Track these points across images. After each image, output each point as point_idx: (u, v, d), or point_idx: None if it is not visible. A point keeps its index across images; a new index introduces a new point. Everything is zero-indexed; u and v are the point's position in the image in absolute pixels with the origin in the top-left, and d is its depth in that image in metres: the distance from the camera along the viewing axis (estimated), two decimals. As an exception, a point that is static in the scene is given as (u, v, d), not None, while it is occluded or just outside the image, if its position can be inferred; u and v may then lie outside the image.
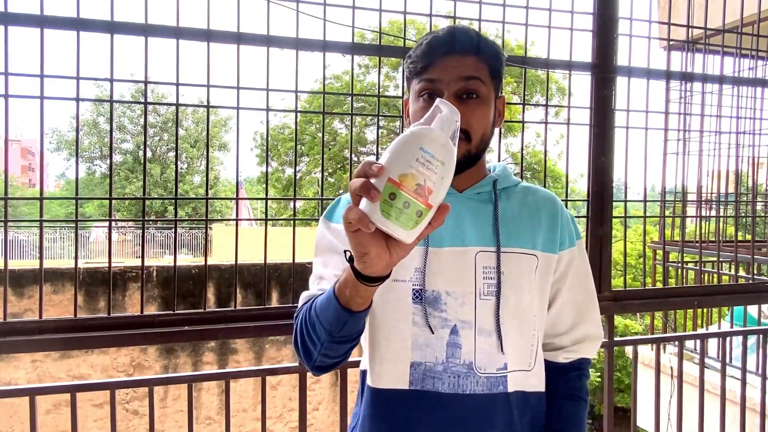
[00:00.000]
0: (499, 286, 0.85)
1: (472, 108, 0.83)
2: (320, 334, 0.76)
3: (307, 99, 13.49)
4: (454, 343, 0.84)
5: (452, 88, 0.83)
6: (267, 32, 1.50)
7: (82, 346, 1.43)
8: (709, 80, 2.23)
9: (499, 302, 0.85)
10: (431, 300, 0.84)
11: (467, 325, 0.84)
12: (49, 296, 4.69)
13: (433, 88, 0.84)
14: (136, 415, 4.93)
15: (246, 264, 5.15)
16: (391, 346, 0.85)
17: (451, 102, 0.78)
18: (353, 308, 0.71)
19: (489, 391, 0.84)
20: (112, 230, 1.48)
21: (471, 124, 0.83)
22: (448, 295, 0.84)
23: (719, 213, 3.89)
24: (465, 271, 0.85)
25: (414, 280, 0.85)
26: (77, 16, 1.37)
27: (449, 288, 0.85)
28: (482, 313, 0.84)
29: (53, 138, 18.14)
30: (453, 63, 0.83)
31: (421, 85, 0.86)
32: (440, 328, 0.84)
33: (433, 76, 0.84)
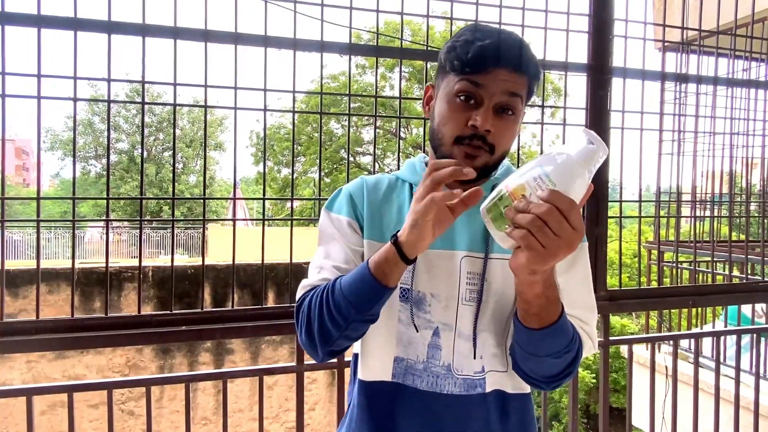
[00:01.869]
0: (481, 293, 0.86)
1: (506, 125, 0.82)
2: (347, 314, 0.76)
3: (303, 99, 13.49)
4: (434, 345, 0.87)
5: (494, 99, 0.80)
6: (264, 33, 1.51)
7: (79, 346, 1.43)
8: (704, 81, 2.24)
9: (479, 309, 0.86)
10: (417, 300, 0.86)
11: (448, 328, 0.86)
12: (45, 296, 4.67)
13: (475, 93, 0.81)
14: (131, 416, 4.92)
15: (242, 264, 5.15)
16: (378, 340, 0.88)
17: (487, 114, 0.80)
18: (390, 284, 0.74)
19: (466, 392, 0.86)
20: (108, 230, 1.48)
21: (501, 141, 0.83)
22: (432, 297, 0.86)
23: (713, 213, 3.92)
24: (450, 276, 0.86)
25: (403, 279, 0.86)
26: (74, 15, 1.38)
27: (434, 291, 0.86)
28: (463, 318, 0.86)
29: (47, 137, 18.05)
30: (503, 76, 0.80)
31: (462, 84, 0.81)
32: (423, 328, 0.86)
33: (480, 81, 0.80)
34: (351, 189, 0.93)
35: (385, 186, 0.94)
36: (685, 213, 3.94)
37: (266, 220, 1.61)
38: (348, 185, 0.95)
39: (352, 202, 0.92)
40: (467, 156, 0.81)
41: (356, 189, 0.93)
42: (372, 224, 0.89)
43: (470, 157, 0.81)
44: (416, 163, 0.95)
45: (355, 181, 0.95)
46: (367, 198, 0.91)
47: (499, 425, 0.88)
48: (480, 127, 0.79)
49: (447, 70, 0.84)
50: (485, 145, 0.81)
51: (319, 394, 5.27)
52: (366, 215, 0.90)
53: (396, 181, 0.95)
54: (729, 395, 2.12)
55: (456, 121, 0.81)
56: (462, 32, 0.84)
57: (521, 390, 0.91)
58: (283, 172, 16.05)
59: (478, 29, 0.83)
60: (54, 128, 18.25)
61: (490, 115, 0.80)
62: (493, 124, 0.80)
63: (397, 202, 0.92)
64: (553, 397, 9.74)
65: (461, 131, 0.81)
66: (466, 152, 0.81)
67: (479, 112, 0.80)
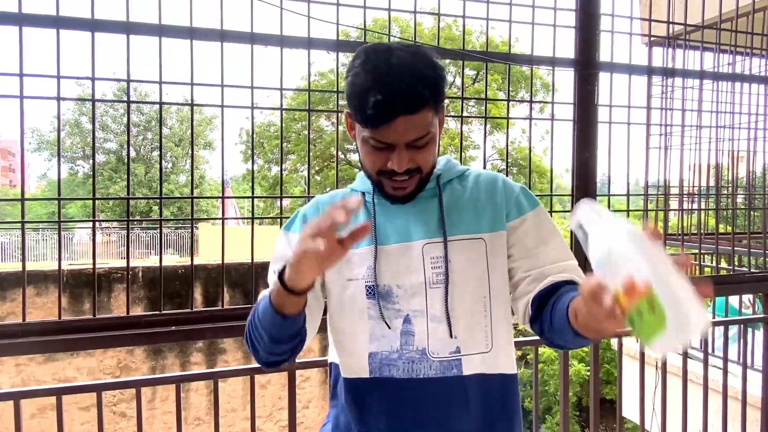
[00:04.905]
0: (447, 274, 0.88)
1: (425, 149, 0.85)
2: (262, 334, 0.84)
3: (293, 96, 13.43)
4: (407, 332, 0.88)
5: (404, 141, 0.82)
6: (251, 30, 1.50)
7: (67, 349, 1.42)
8: (690, 75, 2.26)
9: (447, 290, 0.88)
10: (383, 294, 0.89)
11: (419, 314, 0.88)
12: (33, 299, 4.62)
13: (385, 142, 0.82)
14: (123, 418, 4.89)
15: (233, 263, 5.12)
16: (351, 340, 0.92)
17: (401, 157, 0.82)
18: (288, 313, 0.79)
19: (442, 374, 0.87)
20: (95, 231, 1.46)
21: (424, 163, 0.86)
22: (398, 288, 0.89)
23: (700, 206, 3.96)
24: (413, 264, 0.89)
25: (366, 277, 0.90)
26: (57, 14, 1.36)
27: (399, 281, 0.89)
28: (432, 300, 0.88)
29: (33, 138, 17.82)
30: (404, 126, 0.80)
31: (370, 138, 0.83)
32: (394, 319, 0.89)
33: (384, 140, 0.82)
34: (306, 210, 0.99)
35: (339, 200, 0.94)
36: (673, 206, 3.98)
37: (255, 219, 1.61)
38: (304, 207, 1.00)
39: (306, 222, 0.95)
40: (396, 188, 0.87)
41: (311, 209, 0.98)
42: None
43: (400, 188, 0.87)
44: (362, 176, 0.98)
45: (309, 203, 1.00)
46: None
47: (480, 409, 0.88)
48: (398, 170, 0.83)
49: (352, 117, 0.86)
50: (411, 173, 0.85)
51: (312, 392, 5.27)
52: None
53: (350, 193, 0.99)
54: (717, 385, 2.15)
55: (375, 162, 0.85)
56: (356, 75, 0.82)
57: (506, 371, 0.92)
58: (274, 170, 15.98)
59: (372, 70, 0.80)
60: (40, 129, 18.03)
61: (404, 156, 0.83)
62: (411, 157, 0.83)
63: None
64: (546, 389, 9.82)
65: (383, 167, 0.85)
66: (394, 186, 0.87)
67: (393, 157, 0.83)
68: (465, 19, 1.71)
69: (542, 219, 0.95)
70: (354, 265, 0.91)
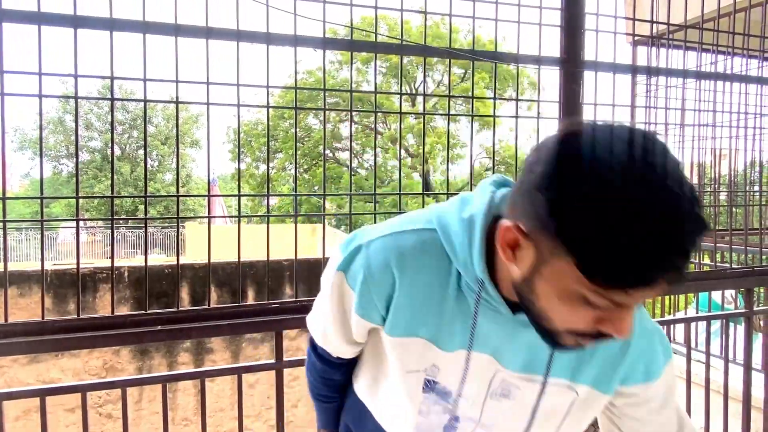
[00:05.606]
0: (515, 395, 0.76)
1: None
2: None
3: (280, 94, 13.36)
4: (451, 427, 0.81)
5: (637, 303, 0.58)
6: (237, 27, 1.49)
7: (50, 349, 1.40)
8: (673, 74, 2.29)
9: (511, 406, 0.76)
10: (442, 393, 0.78)
11: (470, 420, 0.80)
12: (16, 299, 4.54)
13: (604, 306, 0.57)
14: (110, 419, 4.83)
15: (221, 262, 5.08)
16: (395, 422, 0.86)
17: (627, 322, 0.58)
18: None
19: None
20: (80, 230, 1.45)
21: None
22: (459, 396, 0.77)
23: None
24: (484, 383, 0.76)
25: (429, 371, 0.77)
26: (38, 10, 1.34)
27: (464, 392, 0.77)
28: (489, 410, 0.78)
29: (16, 137, 17.54)
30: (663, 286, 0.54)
31: (599, 300, 0.55)
32: (442, 414, 0.80)
33: (624, 302, 0.56)
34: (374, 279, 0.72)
35: (426, 272, 0.71)
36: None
37: (242, 217, 1.60)
38: (372, 256, 0.73)
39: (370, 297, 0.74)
40: (578, 346, 0.63)
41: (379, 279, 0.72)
42: (404, 322, 0.73)
43: (581, 344, 0.63)
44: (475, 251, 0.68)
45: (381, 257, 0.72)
46: (400, 291, 0.72)
47: None
48: (622, 337, 0.59)
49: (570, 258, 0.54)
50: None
51: (301, 391, 5.25)
52: (396, 311, 0.73)
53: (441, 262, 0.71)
54: (700, 379, 2.19)
55: (578, 321, 0.59)
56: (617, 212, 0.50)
57: None
58: (262, 168, 15.90)
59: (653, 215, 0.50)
60: (23, 127, 17.75)
61: (629, 322, 0.58)
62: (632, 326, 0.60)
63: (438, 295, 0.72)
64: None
65: (582, 329, 0.60)
66: (580, 343, 0.63)
67: (615, 321, 0.58)
68: (451, 17, 1.71)
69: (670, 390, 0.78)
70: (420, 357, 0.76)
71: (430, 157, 14.25)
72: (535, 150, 0.59)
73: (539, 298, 0.60)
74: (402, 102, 1.97)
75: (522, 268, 0.61)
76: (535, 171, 0.56)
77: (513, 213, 0.61)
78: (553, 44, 1.87)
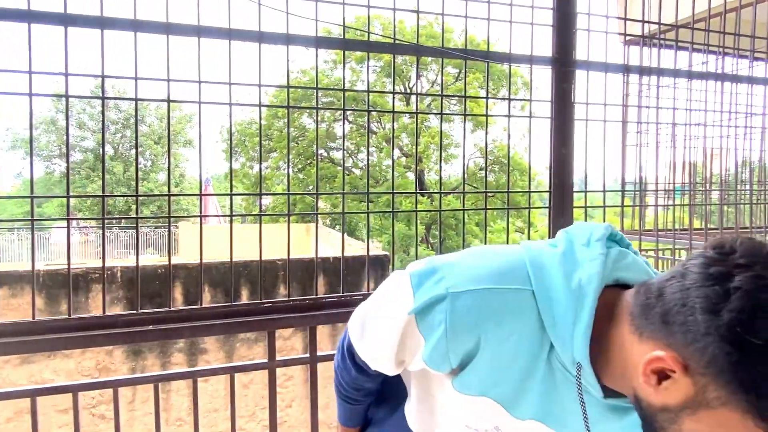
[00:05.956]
0: None
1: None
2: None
3: (275, 93, 13.33)
4: None
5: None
6: (228, 25, 1.48)
7: (41, 350, 1.39)
8: (664, 74, 2.31)
9: None
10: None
11: None
12: (8, 300, 4.52)
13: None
14: (103, 420, 4.81)
15: (214, 262, 5.07)
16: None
17: None
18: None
19: None
20: (73, 231, 1.44)
21: None
22: None
23: (675, 202, 4.04)
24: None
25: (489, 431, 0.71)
26: (28, 8, 1.33)
27: None
28: None
29: (7, 136, 17.42)
30: None
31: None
32: None
33: None
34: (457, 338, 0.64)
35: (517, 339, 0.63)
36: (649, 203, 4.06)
37: (234, 216, 1.60)
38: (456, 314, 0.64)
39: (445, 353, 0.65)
40: None
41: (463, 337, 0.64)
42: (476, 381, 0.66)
43: None
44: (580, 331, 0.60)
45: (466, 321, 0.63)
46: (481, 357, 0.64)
47: None
48: None
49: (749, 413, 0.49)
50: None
51: (295, 391, 5.25)
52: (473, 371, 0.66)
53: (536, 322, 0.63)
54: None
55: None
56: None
57: None
58: (256, 168, 15.86)
59: None
60: (15, 127, 17.62)
61: None
62: None
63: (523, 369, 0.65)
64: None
65: None
66: None
67: None
68: (444, 16, 1.72)
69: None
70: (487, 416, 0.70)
71: (424, 156, 14.26)
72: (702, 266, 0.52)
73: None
74: (397, 101, 1.98)
75: (667, 399, 0.54)
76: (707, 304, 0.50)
77: (665, 333, 0.53)
78: (545, 44, 1.88)
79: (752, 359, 0.47)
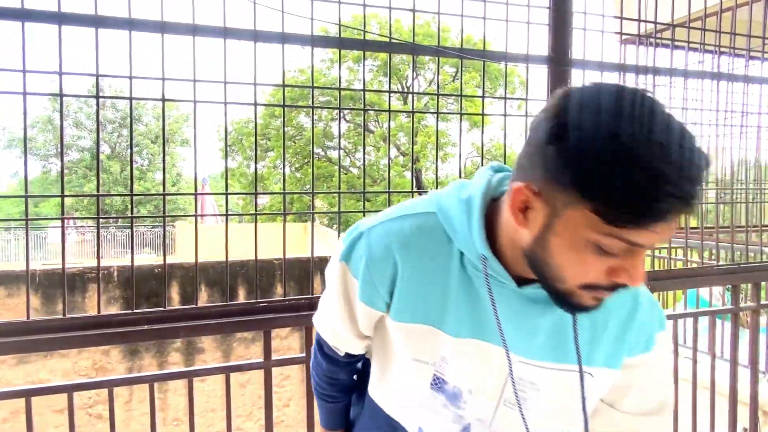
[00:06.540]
0: (530, 400, 0.74)
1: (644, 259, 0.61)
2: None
3: (272, 93, 13.31)
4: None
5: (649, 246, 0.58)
6: (224, 24, 1.48)
7: (36, 349, 1.39)
8: (660, 73, 2.31)
9: (523, 415, 0.73)
10: (451, 395, 0.76)
11: (482, 424, 0.77)
12: (4, 300, 4.50)
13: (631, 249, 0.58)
14: (100, 419, 4.80)
15: (211, 261, 5.06)
16: (401, 410, 0.84)
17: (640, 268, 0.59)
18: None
19: None
20: (69, 230, 1.43)
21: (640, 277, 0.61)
22: (469, 394, 0.75)
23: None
24: (495, 373, 0.73)
25: (437, 366, 0.75)
26: (22, 6, 1.32)
27: (473, 387, 0.75)
28: (501, 419, 0.76)
29: (4, 135, 17.36)
30: (673, 224, 0.56)
31: (614, 243, 0.56)
32: (452, 422, 0.78)
33: (642, 242, 0.56)
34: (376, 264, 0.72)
35: (428, 254, 0.71)
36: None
37: (230, 215, 1.59)
38: (374, 243, 0.73)
39: (373, 283, 0.73)
40: (596, 300, 0.63)
41: (381, 263, 0.72)
42: (409, 307, 0.73)
43: (599, 300, 0.63)
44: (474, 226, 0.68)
45: (382, 242, 0.72)
46: (402, 275, 0.72)
47: None
48: (634, 285, 0.60)
49: (584, 205, 0.55)
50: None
51: (292, 390, 5.25)
52: (400, 296, 0.73)
53: (441, 241, 0.71)
54: (688, 375, 2.21)
55: (591, 273, 0.60)
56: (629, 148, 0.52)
57: None
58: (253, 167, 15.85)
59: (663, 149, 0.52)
60: (11, 126, 17.56)
61: (641, 267, 0.59)
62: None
63: (441, 276, 0.71)
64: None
65: (597, 281, 0.60)
66: (597, 297, 0.62)
67: (627, 267, 0.58)
68: (440, 15, 1.72)
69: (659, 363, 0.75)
70: (428, 345, 0.74)
71: (421, 155, 14.27)
72: (541, 111, 0.60)
73: (552, 255, 0.60)
74: (394, 100, 1.97)
75: (534, 228, 0.61)
76: (543, 128, 0.57)
77: (522, 175, 0.61)
78: (541, 43, 1.88)
79: (580, 155, 0.54)
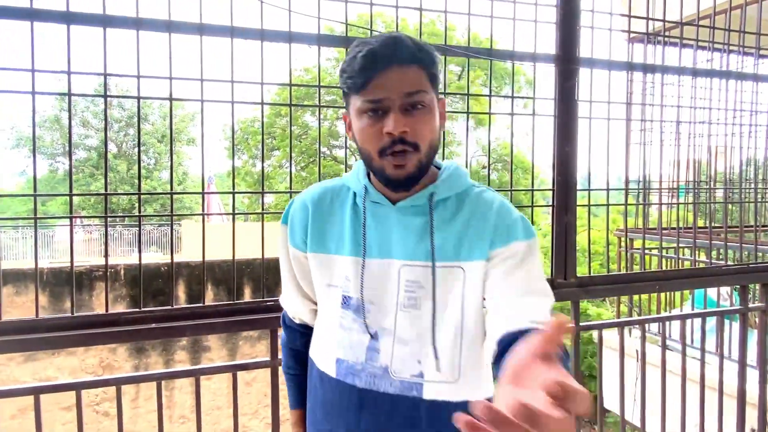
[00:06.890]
0: (421, 300, 0.87)
1: (421, 119, 0.83)
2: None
3: (278, 92, 13.33)
4: (373, 348, 0.89)
5: (397, 103, 0.81)
6: (231, 23, 1.48)
7: (44, 347, 1.40)
8: (668, 71, 2.29)
9: (418, 315, 0.87)
10: (355, 307, 0.90)
11: (387, 333, 0.88)
12: (12, 298, 4.53)
13: (378, 107, 0.82)
14: (107, 417, 4.83)
15: (217, 260, 5.08)
16: (324, 340, 0.96)
17: (396, 118, 0.81)
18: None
19: (401, 393, 0.87)
20: (77, 229, 1.44)
21: (421, 135, 0.83)
22: (371, 304, 0.89)
23: (679, 201, 4.02)
24: (388, 284, 0.88)
25: (343, 287, 0.91)
26: (30, 6, 1.33)
27: (372, 298, 0.89)
28: (402, 323, 0.88)
29: (12, 135, 17.48)
30: (395, 76, 0.81)
31: (363, 104, 0.83)
32: (362, 333, 0.89)
33: (377, 96, 0.81)
34: (296, 212, 0.98)
35: (329, 197, 0.97)
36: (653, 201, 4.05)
37: (237, 214, 1.60)
38: (296, 201, 0.99)
39: (294, 227, 0.97)
40: (397, 167, 0.83)
41: (298, 212, 0.97)
42: (316, 238, 0.95)
43: (400, 166, 0.83)
44: (359, 170, 0.95)
45: (300, 198, 0.98)
46: (312, 216, 0.95)
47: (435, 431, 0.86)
48: (394, 131, 0.80)
49: (348, 94, 0.86)
50: (408, 145, 0.82)
51: (298, 388, 5.26)
52: (310, 231, 0.95)
53: (341, 188, 0.97)
54: (695, 376, 2.19)
55: (373, 135, 0.83)
56: (349, 52, 0.86)
57: (474, 398, 0.80)
58: (259, 165, 15.87)
59: (362, 43, 0.83)
60: (19, 126, 17.67)
61: (399, 117, 0.81)
62: (407, 123, 0.81)
63: (339, 213, 0.95)
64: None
65: (381, 143, 0.82)
66: (395, 164, 0.83)
67: (388, 119, 0.81)
68: (447, 14, 1.71)
69: (529, 254, 0.86)
70: (335, 271, 0.92)
71: (427, 154, 14.21)
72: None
73: (357, 139, 0.87)
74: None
75: (353, 134, 0.88)
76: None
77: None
78: (548, 41, 1.87)
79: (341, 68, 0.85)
